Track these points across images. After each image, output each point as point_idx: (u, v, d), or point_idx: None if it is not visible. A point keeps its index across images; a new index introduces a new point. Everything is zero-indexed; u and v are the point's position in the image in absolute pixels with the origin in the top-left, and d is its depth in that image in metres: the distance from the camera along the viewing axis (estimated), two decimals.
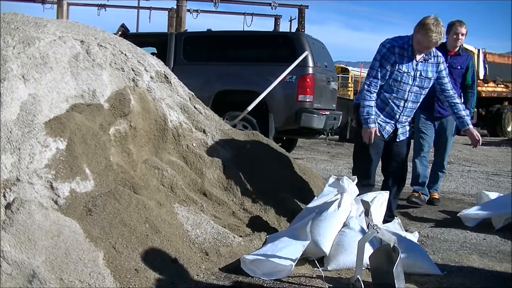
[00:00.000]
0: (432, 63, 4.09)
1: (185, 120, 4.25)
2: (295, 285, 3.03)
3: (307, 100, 7.63)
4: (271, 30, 13.94)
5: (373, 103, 4.02)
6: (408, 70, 4.02)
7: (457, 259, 3.67)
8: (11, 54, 3.32)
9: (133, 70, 3.98)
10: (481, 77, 15.06)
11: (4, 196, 2.76)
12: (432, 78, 4.11)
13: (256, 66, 8.10)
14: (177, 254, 3.07)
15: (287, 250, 3.16)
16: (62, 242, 2.69)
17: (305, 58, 7.64)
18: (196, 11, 17.40)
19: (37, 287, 2.50)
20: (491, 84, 15.60)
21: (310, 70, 7.64)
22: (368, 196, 3.89)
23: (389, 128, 4.15)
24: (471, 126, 4.17)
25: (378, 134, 4.09)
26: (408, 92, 4.06)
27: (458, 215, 4.64)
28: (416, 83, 4.06)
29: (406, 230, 4.19)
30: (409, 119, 4.26)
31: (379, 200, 4.04)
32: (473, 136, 4.13)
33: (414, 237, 3.88)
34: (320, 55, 8.33)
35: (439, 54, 4.12)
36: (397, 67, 3.99)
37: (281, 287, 2.99)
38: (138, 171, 3.59)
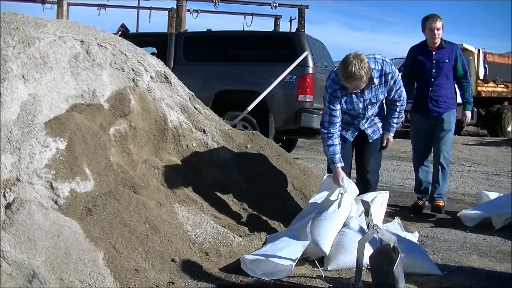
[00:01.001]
0: (379, 84, 3.89)
1: (185, 120, 4.25)
2: (295, 285, 3.03)
3: (307, 100, 7.63)
4: (271, 30, 13.94)
5: (337, 141, 3.93)
6: (356, 104, 3.95)
7: (457, 259, 3.66)
8: (11, 54, 3.33)
9: (133, 70, 3.98)
10: (481, 77, 15.05)
11: (4, 196, 2.77)
12: (383, 96, 4.00)
13: (256, 66, 8.09)
14: (177, 254, 3.07)
15: (287, 250, 3.16)
16: (62, 242, 2.69)
17: (305, 58, 7.64)
18: (196, 11, 17.39)
19: (37, 287, 2.50)
20: (491, 84, 15.58)
21: (310, 70, 7.64)
22: (368, 196, 3.89)
23: (352, 132, 4.17)
24: (391, 134, 4.24)
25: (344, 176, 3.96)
26: (363, 113, 4.05)
27: (458, 215, 4.64)
28: (369, 106, 4.01)
29: (406, 230, 4.19)
30: (376, 118, 4.19)
31: (379, 200, 4.04)
32: (386, 141, 4.26)
33: (414, 237, 3.88)
34: (320, 55, 8.33)
35: (386, 70, 3.85)
36: (345, 105, 3.94)
37: (281, 287, 2.99)
38: (138, 171, 3.59)
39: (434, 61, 4.84)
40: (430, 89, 4.86)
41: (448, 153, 5.01)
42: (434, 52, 4.85)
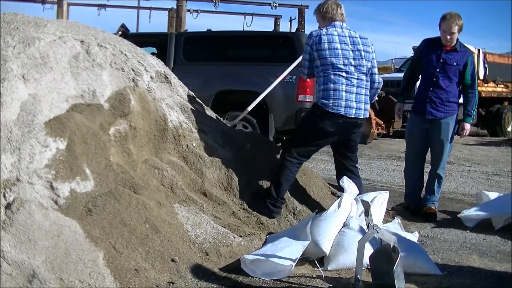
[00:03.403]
0: None
1: (185, 120, 4.25)
2: (295, 285, 3.03)
3: (307, 100, 7.62)
4: (271, 30, 13.95)
5: None
6: None
7: (457, 259, 3.67)
8: (11, 54, 3.32)
9: (133, 70, 3.98)
10: (481, 77, 15.02)
11: (4, 196, 2.76)
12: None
13: (256, 66, 8.09)
14: (177, 254, 3.07)
15: (287, 250, 3.16)
16: (62, 242, 2.69)
17: None
18: (196, 11, 17.40)
19: (37, 287, 2.50)
20: (491, 84, 15.55)
21: None
22: (368, 196, 3.89)
23: None
24: None
25: None
26: None
27: (458, 216, 4.63)
28: None
29: (406, 230, 4.19)
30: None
31: (379, 200, 4.04)
32: None
33: (414, 237, 3.88)
34: None
35: None
36: None
37: (281, 287, 2.99)
38: (138, 171, 3.59)
39: (441, 61, 4.61)
40: (431, 89, 4.64)
41: (445, 162, 4.85)
42: (444, 52, 4.62)
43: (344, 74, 3.95)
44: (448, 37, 4.56)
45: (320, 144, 4.18)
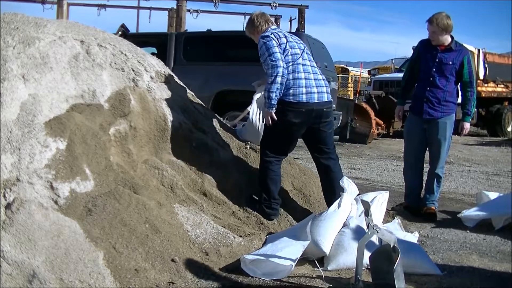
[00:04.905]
0: None
1: (185, 120, 4.25)
2: (295, 285, 3.03)
3: None
4: None
5: None
6: None
7: (457, 259, 3.67)
8: (11, 54, 3.32)
9: (133, 70, 3.98)
10: (481, 77, 15.03)
11: (4, 196, 2.76)
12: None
13: (256, 66, 8.08)
14: (177, 254, 3.07)
15: (287, 250, 3.16)
16: (62, 242, 2.69)
17: None
18: (196, 11, 17.40)
19: (37, 287, 2.50)
20: (491, 84, 15.57)
21: None
22: (368, 196, 3.89)
23: None
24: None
25: None
26: None
27: (458, 216, 4.63)
28: None
29: (406, 230, 4.19)
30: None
31: (379, 200, 4.04)
32: None
33: (414, 237, 3.88)
34: (320, 55, 8.33)
35: None
36: None
37: (281, 287, 2.99)
38: (138, 171, 3.59)
39: (437, 60, 4.63)
40: (428, 89, 4.66)
41: (443, 162, 4.84)
42: (439, 52, 4.64)
43: (300, 61, 4.01)
44: (431, 36, 4.64)
45: (291, 139, 4.08)
